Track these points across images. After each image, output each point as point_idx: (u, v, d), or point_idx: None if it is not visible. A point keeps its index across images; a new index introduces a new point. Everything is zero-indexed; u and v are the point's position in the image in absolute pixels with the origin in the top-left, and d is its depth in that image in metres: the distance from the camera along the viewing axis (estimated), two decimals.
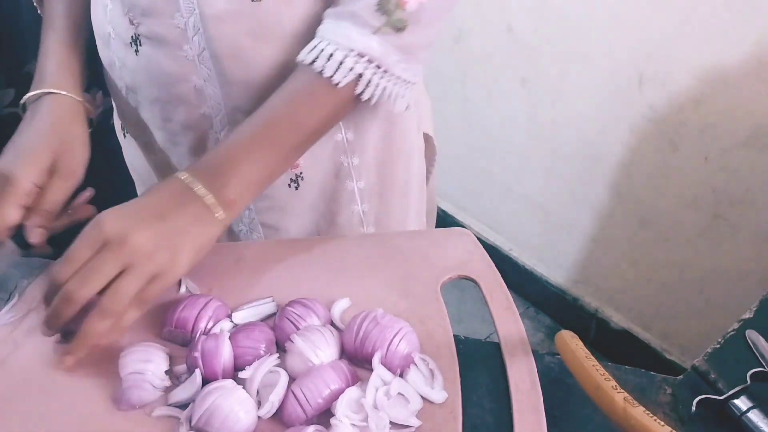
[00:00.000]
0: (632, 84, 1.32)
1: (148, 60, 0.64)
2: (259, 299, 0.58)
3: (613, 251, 1.56)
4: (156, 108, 0.68)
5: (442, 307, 0.56)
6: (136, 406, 0.49)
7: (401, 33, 0.57)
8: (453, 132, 1.81)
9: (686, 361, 1.50)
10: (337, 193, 0.73)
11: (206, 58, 0.61)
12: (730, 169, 1.24)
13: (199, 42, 0.61)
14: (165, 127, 0.69)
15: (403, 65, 0.59)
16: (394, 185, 0.76)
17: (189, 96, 0.64)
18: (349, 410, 0.46)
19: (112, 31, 0.65)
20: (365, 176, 0.73)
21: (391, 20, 0.56)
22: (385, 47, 0.57)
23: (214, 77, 0.63)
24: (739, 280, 1.32)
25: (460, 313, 1.62)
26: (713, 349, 0.54)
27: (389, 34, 0.56)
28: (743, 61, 1.13)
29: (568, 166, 1.56)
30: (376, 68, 0.57)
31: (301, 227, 0.74)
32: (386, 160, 0.74)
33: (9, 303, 0.59)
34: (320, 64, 0.56)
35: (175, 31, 0.60)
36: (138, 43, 0.63)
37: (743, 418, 0.46)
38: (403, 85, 0.61)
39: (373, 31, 0.56)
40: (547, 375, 0.51)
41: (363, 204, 0.74)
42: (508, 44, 1.55)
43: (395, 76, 0.59)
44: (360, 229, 0.76)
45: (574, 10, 1.37)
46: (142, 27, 0.62)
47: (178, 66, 0.62)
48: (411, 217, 0.81)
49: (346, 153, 0.70)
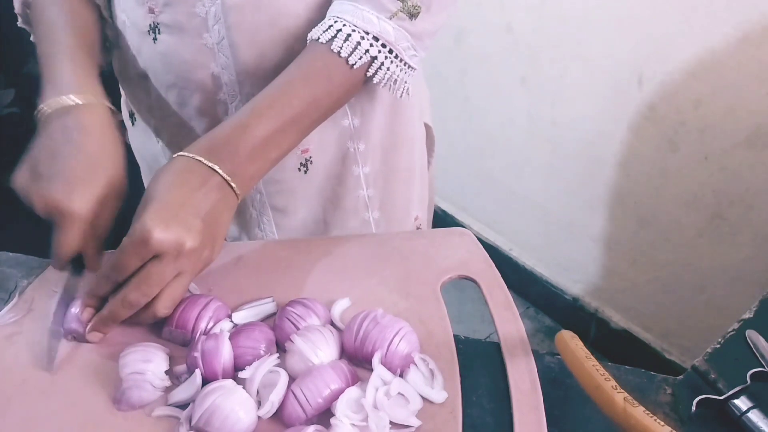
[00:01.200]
0: (632, 84, 1.32)
1: (166, 47, 0.65)
2: (260, 299, 0.58)
3: (613, 251, 1.56)
4: (172, 94, 0.69)
5: (442, 307, 0.56)
6: (136, 406, 0.49)
7: (415, 19, 0.60)
8: (453, 132, 1.81)
9: (686, 361, 1.49)
10: (343, 177, 0.75)
11: (225, 47, 0.63)
12: (730, 169, 1.24)
13: (219, 31, 0.62)
14: (180, 113, 0.70)
15: (412, 52, 0.61)
16: (397, 171, 0.78)
17: (206, 83, 0.66)
18: (349, 410, 0.46)
19: (127, 20, 0.67)
20: (370, 162, 0.75)
21: (407, 6, 0.59)
22: (399, 32, 0.59)
23: (231, 65, 0.64)
24: (739, 280, 1.32)
25: (460, 313, 1.62)
26: (713, 349, 0.54)
27: (404, 19, 0.59)
28: (743, 61, 1.13)
29: (568, 166, 1.56)
30: (388, 52, 0.60)
31: (308, 211, 0.76)
32: (390, 146, 0.76)
33: (9, 303, 0.59)
34: (337, 44, 0.58)
35: (196, 20, 0.62)
36: (157, 31, 0.64)
37: (743, 418, 0.46)
38: (407, 72, 0.63)
39: (389, 15, 0.59)
40: (547, 375, 0.51)
41: (368, 189, 0.76)
42: (508, 44, 1.55)
43: (403, 61, 0.61)
44: (365, 214, 0.78)
45: (574, 10, 1.37)
46: (163, 15, 0.63)
47: (197, 54, 0.64)
48: (414, 202, 0.84)
49: (353, 138, 0.72)
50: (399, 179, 0.79)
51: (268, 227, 0.77)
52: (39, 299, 0.60)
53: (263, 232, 0.78)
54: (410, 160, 0.80)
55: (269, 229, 0.77)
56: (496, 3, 1.52)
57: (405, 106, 0.75)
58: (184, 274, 0.52)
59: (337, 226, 0.78)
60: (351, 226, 0.78)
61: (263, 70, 0.64)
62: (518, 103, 1.60)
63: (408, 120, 0.77)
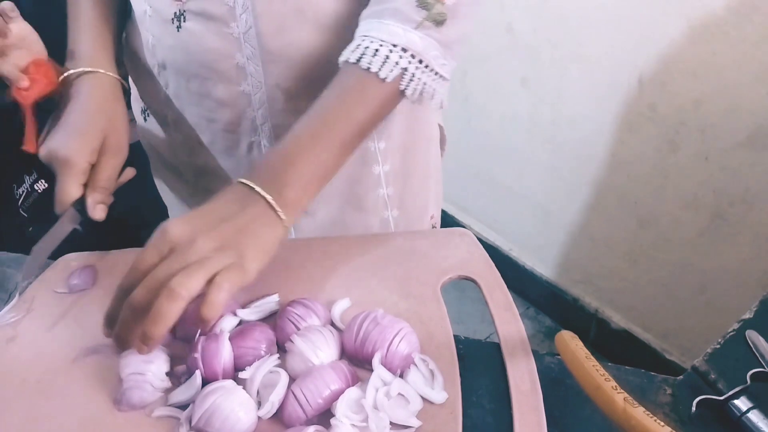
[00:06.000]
0: (632, 84, 1.32)
1: (190, 36, 0.65)
2: (260, 298, 0.58)
3: (613, 251, 1.56)
4: (194, 84, 0.69)
5: (442, 307, 0.56)
6: (137, 406, 0.49)
7: (441, 27, 0.59)
8: (453, 132, 1.79)
9: (686, 362, 1.50)
10: (363, 177, 0.75)
11: (251, 36, 0.63)
12: (730, 169, 1.24)
13: (246, 20, 0.62)
14: (201, 103, 0.70)
15: (442, 61, 0.60)
16: (416, 169, 0.79)
17: (230, 73, 0.66)
18: (350, 410, 0.46)
19: (149, 9, 0.67)
20: (390, 160, 0.75)
21: (431, 14, 0.58)
22: (427, 41, 0.58)
23: (257, 55, 0.64)
24: (739, 280, 1.32)
25: (460, 313, 1.62)
26: (713, 349, 0.54)
27: (430, 28, 0.58)
28: (743, 61, 1.13)
29: (568, 166, 1.56)
30: (418, 63, 0.59)
31: (327, 212, 0.76)
32: (409, 145, 0.76)
33: (9, 303, 0.59)
34: (366, 61, 0.57)
35: (224, 9, 0.62)
36: (182, 19, 0.64)
37: (743, 418, 0.46)
38: (440, 82, 0.62)
39: (414, 26, 0.58)
40: (547, 375, 0.50)
41: (388, 187, 0.76)
42: (508, 44, 1.55)
43: (434, 71, 0.60)
44: (384, 213, 0.78)
45: (574, 10, 1.37)
46: (190, 3, 0.63)
47: (223, 43, 0.64)
48: (431, 200, 0.84)
49: (373, 138, 0.73)
50: (417, 178, 0.80)
51: None
52: (39, 299, 0.60)
53: None
54: (427, 158, 0.81)
55: None
56: (496, 3, 1.52)
57: (423, 107, 0.74)
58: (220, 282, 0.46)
59: (357, 226, 0.77)
60: (370, 225, 0.78)
61: (289, 61, 0.64)
62: (518, 103, 1.60)
63: (425, 119, 0.78)
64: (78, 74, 0.66)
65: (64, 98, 0.66)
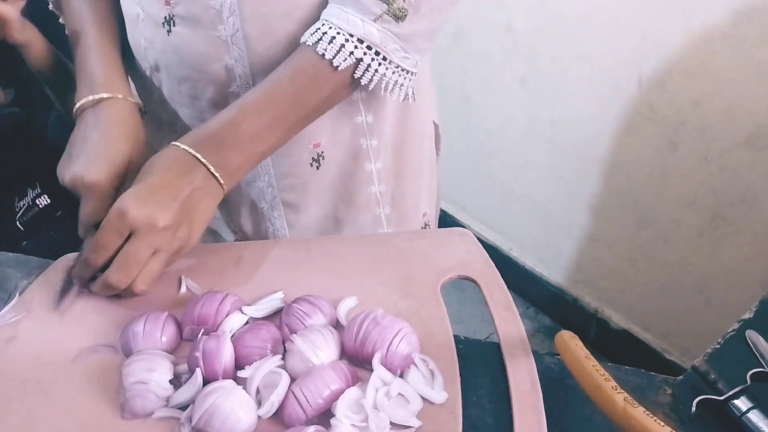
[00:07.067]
0: (632, 84, 1.32)
1: (180, 39, 0.66)
2: (262, 297, 0.58)
3: (613, 251, 1.56)
4: (185, 87, 0.70)
5: (442, 307, 0.56)
6: (140, 415, 0.48)
7: (401, 22, 0.59)
8: (453, 132, 1.81)
9: (686, 362, 1.50)
10: (355, 173, 0.75)
11: (239, 39, 0.64)
12: (730, 169, 1.24)
13: (233, 23, 0.63)
14: (193, 105, 0.71)
15: (403, 54, 0.61)
16: (408, 166, 0.79)
17: (219, 75, 0.67)
18: (350, 411, 0.46)
19: (141, 12, 0.68)
20: (382, 157, 0.76)
21: (392, 9, 0.59)
22: (385, 35, 0.59)
23: (244, 57, 0.65)
24: (739, 280, 1.32)
25: (460, 313, 1.62)
26: (713, 349, 0.54)
27: (389, 22, 0.59)
28: (743, 61, 1.13)
29: (568, 166, 1.56)
30: (375, 54, 0.60)
31: (320, 207, 0.77)
32: (401, 143, 0.77)
33: (9, 303, 0.59)
34: (322, 47, 0.59)
35: (211, 12, 0.63)
36: (172, 23, 0.65)
37: (743, 418, 0.46)
38: (402, 75, 0.63)
39: (373, 18, 0.59)
40: (547, 375, 0.51)
41: (380, 185, 0.77)
42: (508, 43, 1.55)
43: (394, 64, 0.61)
44: (376, 210, 0.78)
45: (573, 10, 1.37)
46: (178, 7, 0.64)
47: (211, 46, 0.65)
48: (423, 197, 0.85)
49: (366, 135, 0.73)
50: (409, 175, 0.80)
51: (278, 222, 0.77)
52: (39, 299, 0.60)
53: (273, 227, 0.78)
54: (420, 156, 0.81)
55: (280, 225, 0.77)
56: (495, 3, 1.52)
57: (416, 103, 0.76)
58: (160, 252, 0.56)
59: (349, 222, 0.78)
60: (362, 221, 0.79)
61: (276, 63, 0.65)
62: (518, 102, 1.60)
63: (418, 117, 0.78)
64: (97, 100, 0.65)
65: (83, 123, 0.65)
